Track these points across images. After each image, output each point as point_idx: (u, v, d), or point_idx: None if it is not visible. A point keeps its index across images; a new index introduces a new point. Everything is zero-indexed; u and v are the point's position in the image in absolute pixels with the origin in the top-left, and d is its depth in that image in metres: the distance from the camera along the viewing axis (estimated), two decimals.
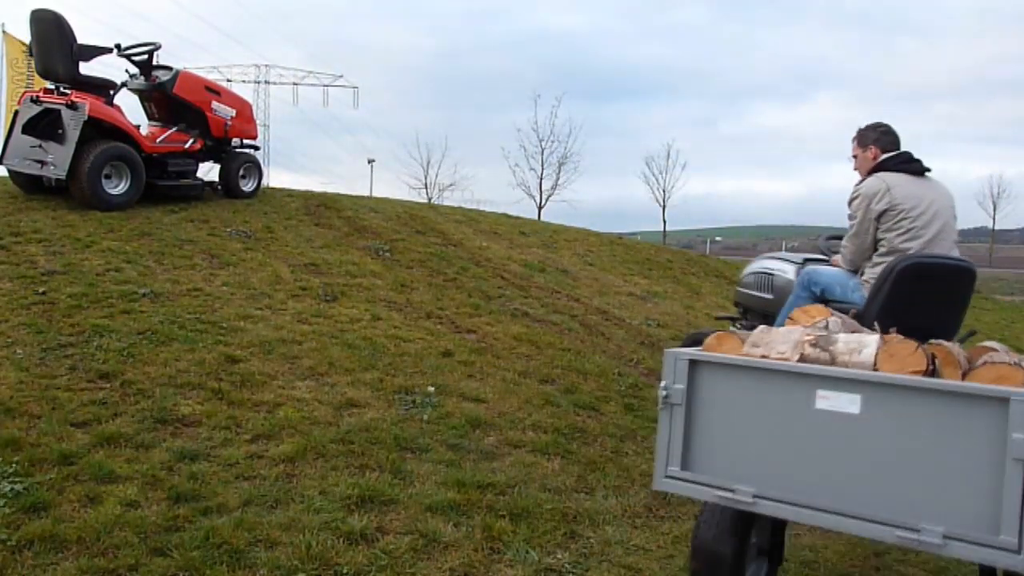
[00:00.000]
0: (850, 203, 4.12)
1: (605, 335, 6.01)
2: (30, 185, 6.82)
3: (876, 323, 2.92)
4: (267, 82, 47.17)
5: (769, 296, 5.01)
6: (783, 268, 4.97)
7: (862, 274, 4.05)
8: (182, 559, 2.64)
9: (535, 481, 3.63)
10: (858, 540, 3.57)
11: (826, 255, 4.64)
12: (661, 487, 2.49)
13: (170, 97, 7.11)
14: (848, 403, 2.15)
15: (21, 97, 6.97)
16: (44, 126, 6.37)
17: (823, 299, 4.13)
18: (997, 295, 18.86)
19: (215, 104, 7.38)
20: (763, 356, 2.33)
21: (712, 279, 10.17)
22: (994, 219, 53.89)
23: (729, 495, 2.30)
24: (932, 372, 2.19)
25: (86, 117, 6.22)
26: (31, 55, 6.93)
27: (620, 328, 6.29)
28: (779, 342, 2.37)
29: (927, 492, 2.07)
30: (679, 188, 46.79)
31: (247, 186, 7.74)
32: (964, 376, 2.19)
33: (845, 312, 3.50)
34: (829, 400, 2.17)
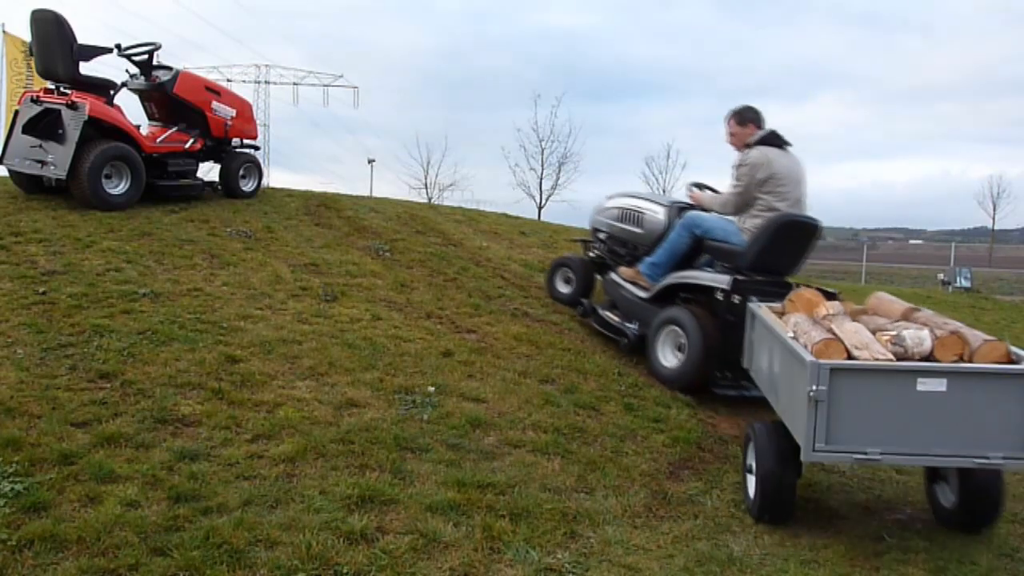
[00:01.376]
0: (737, 168, 5.19)
1: (606, 335, 6.01)
2: (30, 185, 6.82)
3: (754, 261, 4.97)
4: (267, 82, 47.16)
5: (639, 230, 5.98)
6: (654, 208, 5.95)
7: (741, 223, 5.20)
8: (182, 559, 2.64)
9: (535, 481, 3.63)
10: (858, 540, 3.57)
11: (689, 194, 5.82)
12: (812, 459, 3.33)
13: (170, 97, 7.11)
14: (938, 385, 3.22)
15: (21, 97, 6.97)
16: (44, 126, 6.37)
17: (704, 240, 5.37)
18: (997, 295, 18.85)
19: (215, 104, 7.38)
20: (871, 357, 3.29)
21: None
22: (994, 219, 53.89)
23: (863, 456, 3.25)
24: (967, 357, 3.33)
25: (86, 117, 6.22)
26: (31, 55, 6.93)
27: None
28: (871, 344, 3.35)
29: (989, 433, 3.21)
30: (680, 188, 46.75)
31: (247, 186, 7.74)
32: (973, 355, 3.32)
33: (726, 250, 5.20)
34: (926, 384, 3.22)
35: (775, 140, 5.25)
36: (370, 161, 41.94)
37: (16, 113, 6.70)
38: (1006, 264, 43.46)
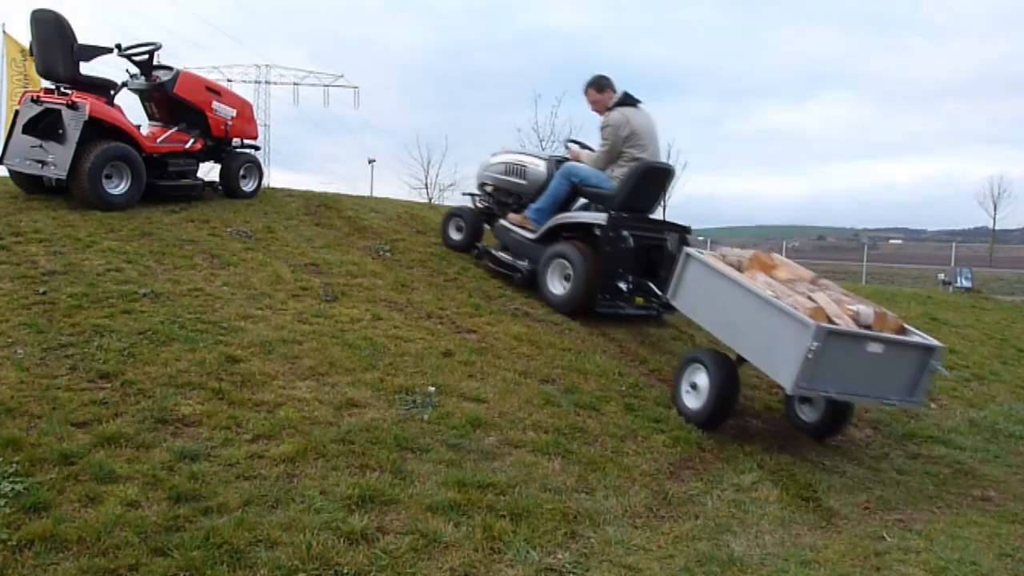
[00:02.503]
0: (603, 129, 6.18)
1: (606, 335, 6.01)
2: (30, 185, 6.81)
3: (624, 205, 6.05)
4: (267, 82, 47.17)
5: (523, 182, 6.85)
6: (535, 162, 6.84)
7: (610, 172, 6.20)
8: (182, 559, 2.64)
9: (535, 481, 3.63)
10: (858, 540, 3.57)
11: (567, 149, 6.85)
12: (796, 392, 4.30)
13: (170, 97, 7.11)
14: (878, 348, 4.36)
15: (21, 97, 6.97)
16: (44, 126, 6.36)
17: (580, 187, 6.33)
18: (997, 295, 18.84)
19: (216, 104, 7.37)
20: (842, 322, 4.33)
21: None
22: (994, 219, 53.85)
23: (823, 393, 4.34)
24: (902, 330, 4.59)
25: (87, 117, 6.22)
26: (31, 54, 6.92)
27: (621, 328, 6.29)
28: (841, 314, 4.39)
29: (891, 383, 4.47)
30: (680, 187, 46.71)
31: (247, 186, 7.73)
32: (898, 328, 4.57)
33: (599, 194, 6.24)
34: (872, 347, 4.35)
35: (630, 100, 6.25)
36: (370, 161, 41.92)
37: (16, 113, 6.70)
38: (1006, 264, 43.41)
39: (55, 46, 6.47)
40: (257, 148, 8.11)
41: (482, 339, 5.29)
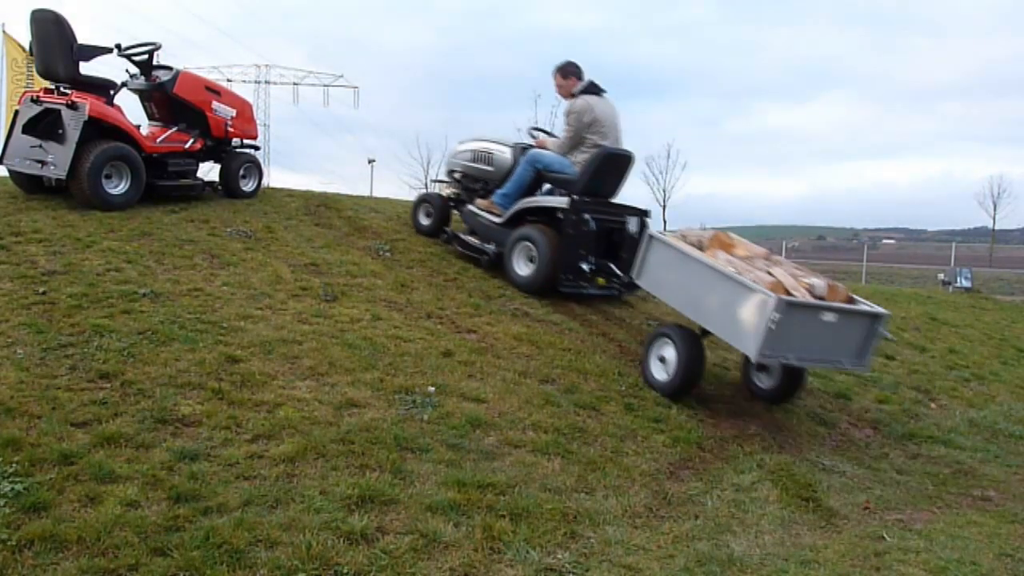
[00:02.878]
0: (567, 115, 6.45)
1: (606, 335, 6.02)
2: (30, 185, 6.81)
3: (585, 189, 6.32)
4: (267, 82, 47.22)
5: (490, 168, 7.09)
6: (501, 149, 7.06)
7: (573, 158, 6.48)
8: (182, 559, 2.64)
9: (535, 481, 3.63)
10: (858, 540, 3.57)
11: (532, 137, 7.08)
12: (761, 360, 4.62)
13: (170, 97, 7.10)
14: (831, 317, 4.71)
15: (21, 97, 6.97)
16: (44, 126, 6.36)
17: (544, 172, 6.59)
18: (997, 295, 18.84)
19: (215, 104, 7.37)
20: (799, 294, 4.63)
21: None
22: (994, 219, 53.89)
23: (784, 360, 4.71)
24: (850, 300, 4.91)
25: (86, 117, 6.22)
26: (31, 54, 6.92)
27: (621, 328, 6.29)
28: (798, 287, 4.70)
29: (843, 348, 4.84)
30: (680, 188, 46.76)
31: (247, 186, 7.73)
32: (847, 298, 4.87)
33: (563, 179, 6.51)
34: (826, 316, 4.69)
35: (594, 89, 6.52)
36: (370, 161, 41.99)
37: (16, 113, 6.70)
38: (1006, 264, 43.42)
39: (55, 46, 6.47)
40: (257, 148, 8.11)
41: (482, 339, 5.29)
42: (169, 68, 7.22)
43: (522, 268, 6.50)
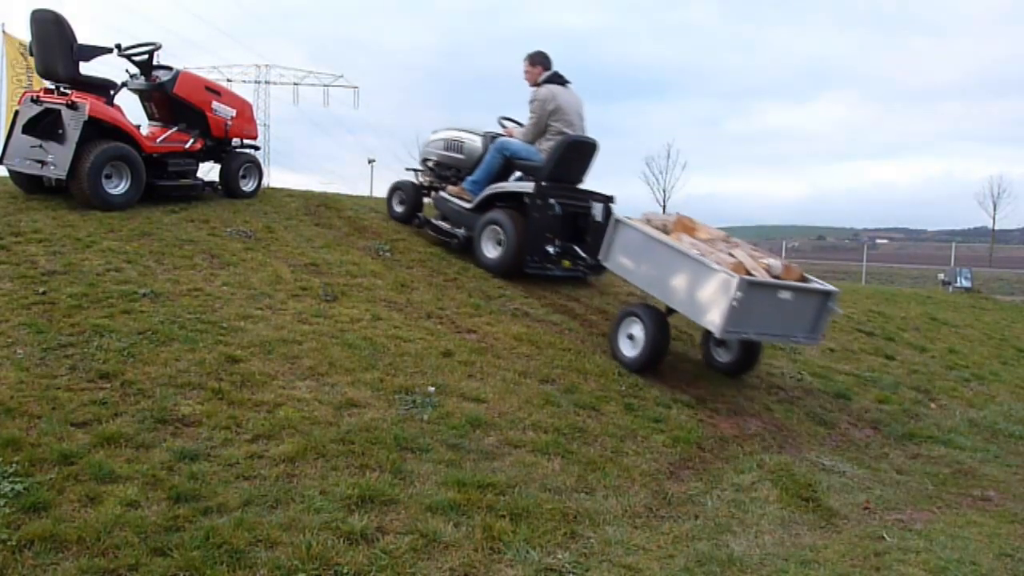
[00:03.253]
0: (531, 103, 6.76)
1: (606, 335, 6.02)
2: (30, 185, 6.81)
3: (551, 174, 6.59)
4: (267, 82, 47.25)
5: (461, 156, 7.36)
6: (472, 138, 7.34)
7: (539, 145, 6.76)
8: (182, 559, 2.64)
9: (535, 481, 3.63)
10: (858, 540, 3.57)
11: (502, 127, 7.33)
12: (724, 335, 4.96)
13: (170, 97, 7.10)
14: (788, 295, 5.05)
15: (21, 97, 6.96)
16: (44, 126, 6.36)
17: (512, 159, 6.86)
18: (997, 295, 18.84)
19: (215, 104, 7.37)
20: (758, 274, 4.98)
21: None
22: (994, 219, 53.92)
23: (745, 335, 5.09)
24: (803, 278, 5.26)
25: (86, 117, 6.21)
26: (31, 54, 6.91)
27: None
28: (757, 267, 5.06)
29: (797, 323, 5.19)
30: (680, 188, 46.75)
31: (247, 186, 7.73)
32: (801, 277, 5.24)
33: (529, 166, 6.77)
34: (783, 294, 5.03)
35: (558, 79, 6.82)
36: (370, 161, 42.02)
37: (16, 113, 6.69)
38: (1006, 264, 43.43)
39: (55, 46, 6.47)
40: (257, 148, 8.10)
41: (482, 339, 5.29)
42: (169, 68, 7.22)
43: (490, 251, 6.78)
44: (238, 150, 7.76)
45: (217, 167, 7.69)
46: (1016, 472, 5.11)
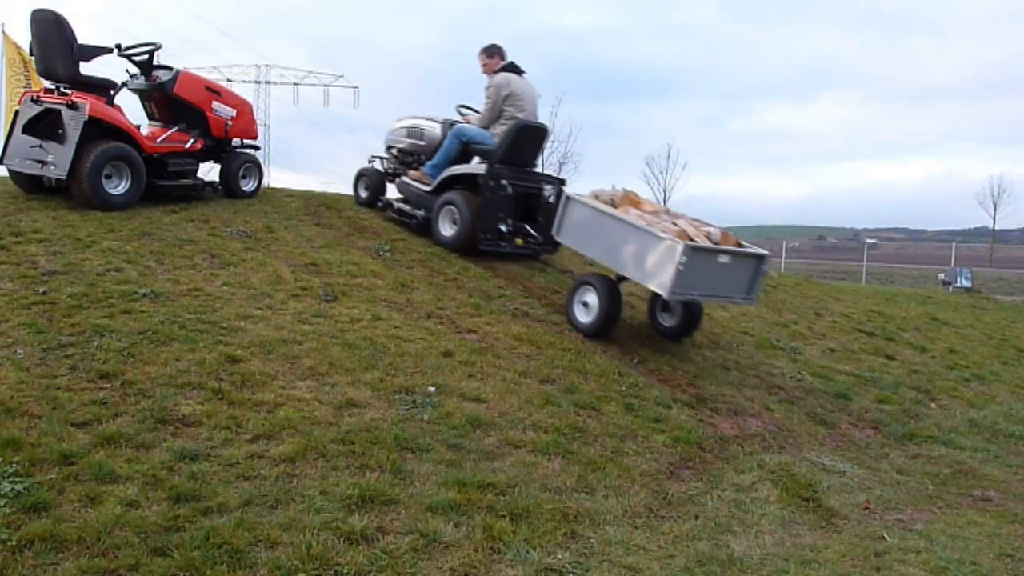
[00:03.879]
0: (487, 89, 7.13)
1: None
2: (30, 185, 6.81)
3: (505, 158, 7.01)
4: (267, 82, 47.23)
5: (422, 143, 7.77)
6: (432, 125, 7.75)
7: (493, 131, 7.14)
8: (182, 559, 2.64)
9: (535, 481, 3.63)
10: (858, 540, 3.57)
11: (460, 115, 7.76)
12: (672, 297, 5.36)
13: (170, 97, 7.10)
14: (726, 259, 5.49)
15: (21, 97, 6.96)
16: (44, 126, 6.36)
17: (468, 144, 7.21)
18: (998, 295, 18.84)
19: (215, 104, 7.37)
20: (700, 240, 5.40)
21: None
22: (994, 219, 53.92)
23: (690, 296, 5.49)
24: (739, 244, 5.71)
25: (86, 117, 6.21)
26: (31, 54, 6.91)
27: (621, 328, 6.29)
28: (699, 235, 5.48)
29: (735, 285, 5.65)
30: (680, 188, 46.72)
31: (247, 186, 7.73)
32: (737, 243, 5.70)
33: (484, 150, 7.15)
34: (723, 259, 5.48)
35: (513, 68, 7.24)
36: (371, 161, 41.95)
37: (16, 113, 6.69)
38: (1007, 264, 43.43)
39: (55, 46, 6.47)
40: (257, 148, 8.10)
41: (482, 339, 5.29)
42: (169, 68, 7.22)
43: (446, 229, 7.18)
44: (238, 150, 7.75)
45: (217, 167, 7.69)
46: (1016, 472, 5.11)
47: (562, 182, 7.18)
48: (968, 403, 6.63)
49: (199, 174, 7.47)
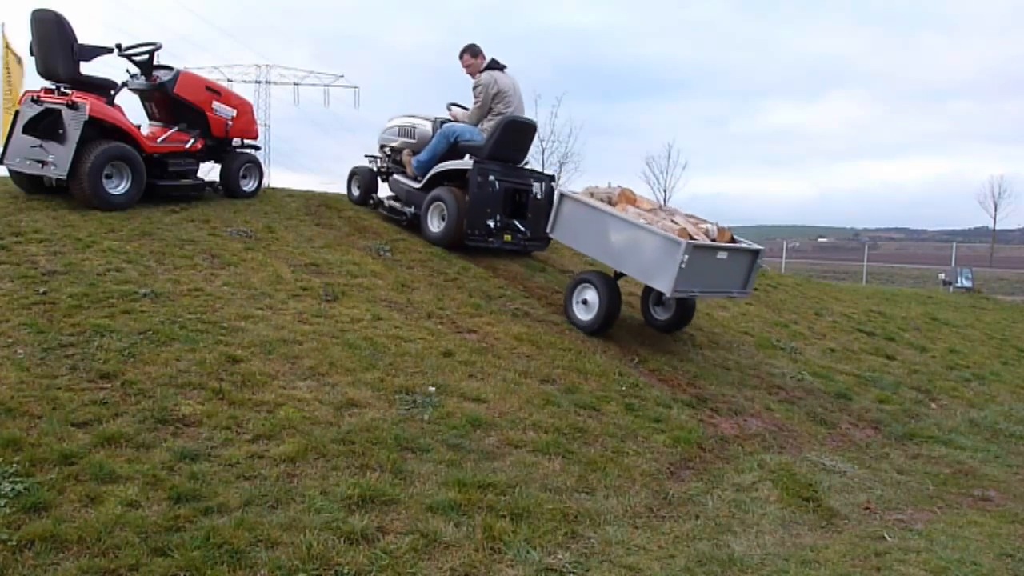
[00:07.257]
0: (475, 88, 7.25)
1: (606, 335, 6.01)
2: (31, 185, 6.81)
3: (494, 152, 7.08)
4: (268, 82, 47.24)
5: (413, 141, 7.84)
6: (423, 123, 7.84)
7: (482, 127, 7.24)
8: (183, 559, 2.64)
9: (536, 481, 3.63)
10: (858, 540, 3.56)
11: (449, 111, 7.81)
12: (674, 295, 5.39)
13: (171, 97, 7.10)
14: (724, 256, 5.57)
15: (22, 97, 6.96)
16: (45, 126, 6.36)
17: (457, 141, 7.25)
18: (998, 295, 18.83)
19: (216, 104, 7.37)
20: (700, 238, 5.48)
21: None
22: (995, 219, 53.92)
23: (691, 293, 5.56)
24: (732, 240, 5.81)
25: (87, 117, 6.22)
26: (31, 54, 6.91)
27: (621, 328, 6.29)
28: (697, 232, 5.55)
29: (731, 280, 5.74)
30: (682, 187, 46.74)
31: (248, 186, 7.73)
32: (731, 239, 5.79)
33: (472, 147, 7.19)
34: (721, 255, 5.55)
35: (497, 65, 7.35)
36: (371, 161, 41.95)
37: (17, 113, 6.69)
38: (1007, 264, 43.42)
39: (55, 46, 6.47)
40: (257, 148, 8.11)
41: (482, 339, 5.29)
42: (169, 68, 7.22)
43: (435, 225, 7.23)
44: (238, 150, 7.76)
45: (217, 167, 7.70)
46: (1017, 472, 5.11)
47: (552, 178, 7.27)
48: (968, 403, 6.63)
49: (199, 174, 7.48)
